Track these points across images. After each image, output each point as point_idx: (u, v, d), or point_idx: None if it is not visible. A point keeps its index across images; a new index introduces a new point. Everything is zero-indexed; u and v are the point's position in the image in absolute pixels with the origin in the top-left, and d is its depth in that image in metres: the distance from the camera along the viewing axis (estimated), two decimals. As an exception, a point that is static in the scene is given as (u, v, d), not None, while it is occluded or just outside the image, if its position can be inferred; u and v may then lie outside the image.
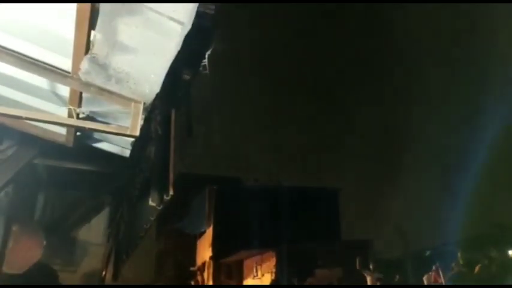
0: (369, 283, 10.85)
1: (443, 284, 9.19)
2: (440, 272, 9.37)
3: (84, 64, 2.13)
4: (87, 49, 2.18)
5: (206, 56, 3.31)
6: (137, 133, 2.48)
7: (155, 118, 3.63)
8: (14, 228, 4.46)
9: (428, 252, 14.00)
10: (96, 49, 2.15)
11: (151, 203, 3.47)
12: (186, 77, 3.55)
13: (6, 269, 4.27)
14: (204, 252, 22.05)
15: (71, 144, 3.30)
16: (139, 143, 4.20)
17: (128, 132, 2.50)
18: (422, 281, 10.59)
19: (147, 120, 3.60)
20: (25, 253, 4.44)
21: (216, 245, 20.21)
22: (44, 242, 4.68)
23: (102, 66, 2.14)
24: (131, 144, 3.55)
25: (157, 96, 3.31)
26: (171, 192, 3.36)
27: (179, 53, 2.23)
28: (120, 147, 3.77)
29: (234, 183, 25.98)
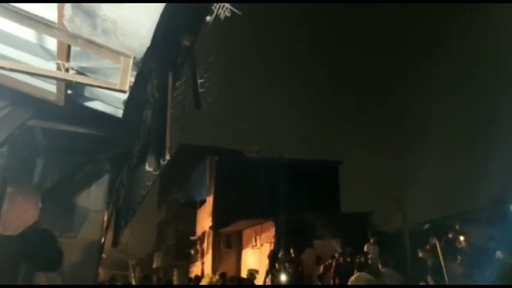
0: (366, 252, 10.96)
1: (439, 256, 9.23)
2: (437, 246, 9.39)
3: (68, 10, 2.01)
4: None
5: (208, 21, 3.20)
6: (126, 88, 2.38)
7: (151, 81, 3.54)
8: (9, 189, 4.42)
9: (426, 226, 14.04)
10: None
11: (148, 168, 3.42)
12: (186, 42, 3.44)
13: (1, 230, 4.26)
14: (204, 222, 22.26)
15: (62, 103, 3.22)
16: (136, 106, 4.11)
17: (117, 87, 2.39)
18: (418, 254, 10.65)
19: (142, 82, 3.49)
20: (20, 214, 4.42)
21: (216, 215, 20.36)
22: (40, 204, 4.65)
23: (87, 13, 2.03)
24: (123, 103, 3.46)
25: (153, 57, 3.20)
26: (167, 157, 3.32)
27: (176, 15, 2.11)
28: (113, 107, 3.68)
29: (235, 155, 26.02)
